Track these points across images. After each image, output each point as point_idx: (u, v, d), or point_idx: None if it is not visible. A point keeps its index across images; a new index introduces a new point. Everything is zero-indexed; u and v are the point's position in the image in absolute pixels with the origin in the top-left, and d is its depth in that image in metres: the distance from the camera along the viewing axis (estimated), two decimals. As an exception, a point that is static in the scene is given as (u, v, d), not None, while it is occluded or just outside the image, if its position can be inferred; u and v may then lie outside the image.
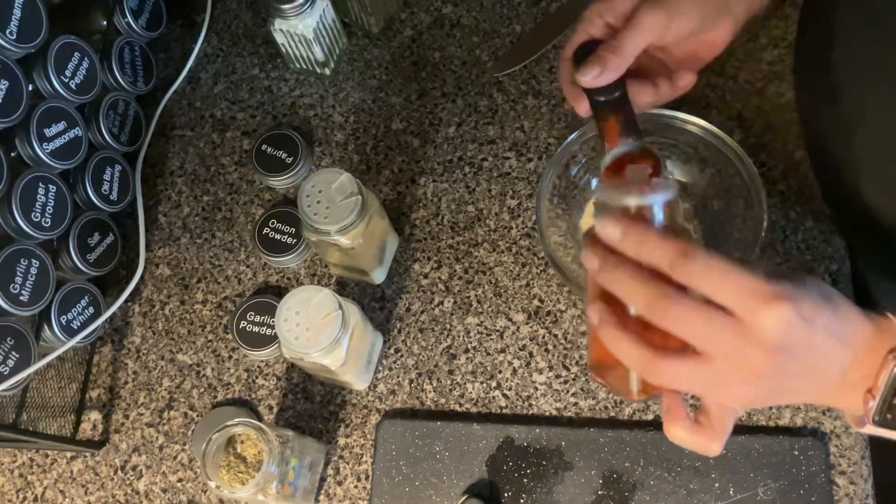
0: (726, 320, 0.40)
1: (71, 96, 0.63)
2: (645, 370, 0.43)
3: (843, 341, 0.43)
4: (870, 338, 0.44)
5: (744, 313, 0.40)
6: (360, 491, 0.64)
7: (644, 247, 0.43)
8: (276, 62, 0.79)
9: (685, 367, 0.42)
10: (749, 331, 0.40)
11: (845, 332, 0.43)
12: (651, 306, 0.42)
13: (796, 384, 0.43)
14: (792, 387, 0.43)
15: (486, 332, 0.67)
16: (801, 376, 0.43)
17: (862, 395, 0.44)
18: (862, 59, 0.58)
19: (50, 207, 0.60)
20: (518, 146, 0.73)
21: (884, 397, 0.44)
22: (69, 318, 0.63)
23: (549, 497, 0.61)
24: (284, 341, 0.56)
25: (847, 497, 0.60)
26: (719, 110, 0.71)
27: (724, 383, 0.42)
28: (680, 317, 0.41)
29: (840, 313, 0.43)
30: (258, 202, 0.74)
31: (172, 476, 0.66)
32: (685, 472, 0.61)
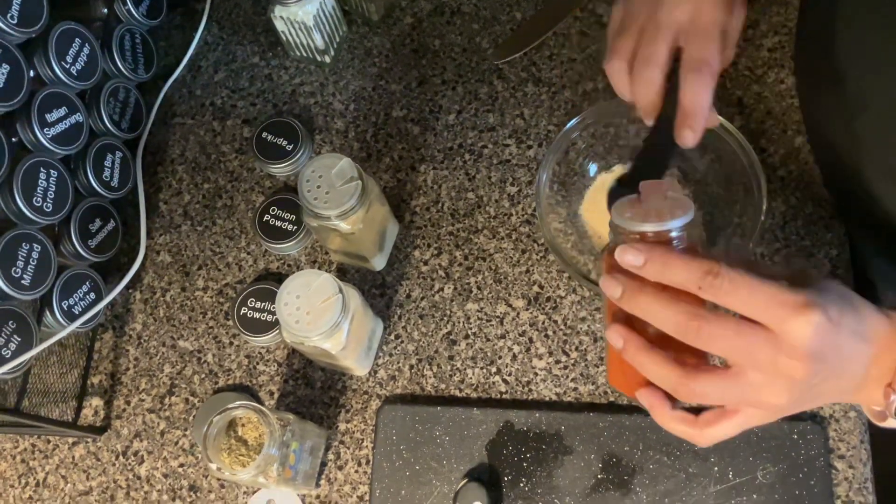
0: (758, 332, 0.41)
1: (72, 82, 0.63)
2: (676, 390, 0.43)
3: (865, 340, 0.44)
4: (887, 333, 0.44)
5: (775, 324, 0.41)
6: (360, 475, 0.64)
7: (668, 270, 0.43)
8: (277, 50, 0.79)
9: (717, 383, 0.43)
10: (781, 340, 0.41)
11: (867, 331, 0.44)
12: (683, 328, 0.42)
13: (825, 387, 0.44)
14: (821, 391, 0.44)
15: (486, 318, 0.68)
16: (830, 379, 0.43)
17: (882, 390, 0.45)
18: (863, 43, 0.58)
19: (51, 192, 0.60)
20: (518, 133, 0.73)
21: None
22: (70, 304, 0.63)
23: (549, 481, 0.61)
24: (285, 325, 0.56)
25: (846, 480, 0.60)
26: (719, 97, 0.71)
27: (757, 395, 0.43)
28: (714, 334, 0.42)
29: (861, 313, 0.44)
30: (259, 189, 0.75)
31: (174, 461, 0.67)
32: (684, 455, 0.61)
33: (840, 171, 0.65)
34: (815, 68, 0.67)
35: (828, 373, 0.43)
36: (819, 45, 0.65)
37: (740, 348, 0.41)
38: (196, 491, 0.65)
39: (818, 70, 0.66)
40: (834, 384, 0.44)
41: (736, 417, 0.45)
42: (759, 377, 0.42)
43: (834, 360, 0.42)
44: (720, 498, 0.60)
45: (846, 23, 0.59)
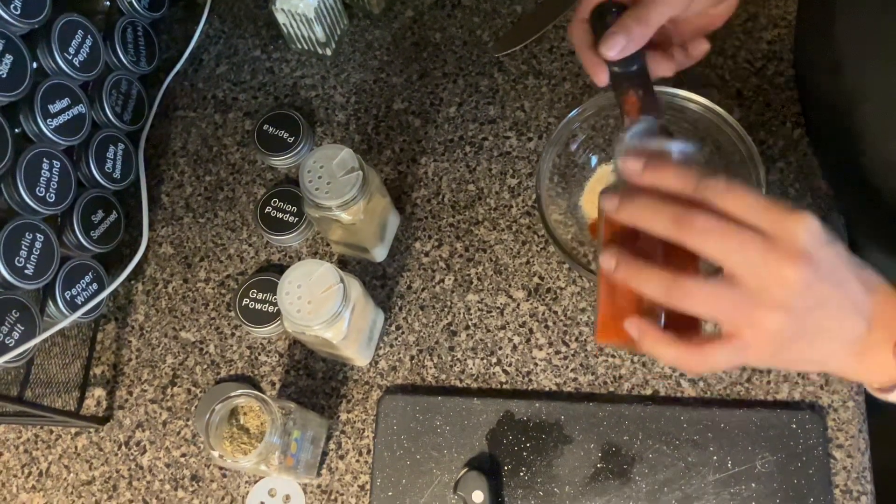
0: (754, 234, 0.40)
1: (74, 73, 0.63)
2: (669, 292, 0.42)
3: (861, 281, 0.43)
4: (886, 292, 0.44)
5: (770, 225, 0.40)
6: (361, 465, 0.65)
7: (666, 174, 0.43)
8: (278, 43, 0.79)
9: (711, 287, 0.41)
10: (775, 240, 0.40)
11: (863, 276, 0.44)
12: (678, 221, 0.41)
13: (822, 321, 0.42)
14: (818, 326, 0.42)
15: (487, 309, 0.68)
16: (829, 306, 0.42)
17: (891, 350, 0.44)
18: (862, 35, 0.58)
19: (54, 183, 0.60)
20: (518, 125, 0.73)
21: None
22: (73, 294, 0.63)
23: (549, 470, 0.62)
24: (287, 314, 0.57)
25: (844, 470, 0.60)
26: (719, 89, 0.72)
27: (751, 306, 0.41)
28: (707, 229, 0.41)
29: (857, 261, 0.44)
30: (260, 182, 0.75)
31: (176, 451, 0.67)
32: (683, 445, 0.61)
33: (838, 163, 0.66)
34: (813, 60, 0.67)
35: (825, 296, 0.42)
36: (818, 37, 0.65)
37: (735, 247, 0.41)
38: (198, 480, 0.66)
39: (817, 62, 0.66)
40: (832, 321, 0.43)
41: (731, 342, 0.43)
42: (751, 282, 0.41)
43: (828, 277, 0.41)
44: (719, 487, 0.60)
45: (845, 15, 0.59)
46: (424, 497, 0.62)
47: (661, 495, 0.60)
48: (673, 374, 0.64)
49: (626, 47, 0.50)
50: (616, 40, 0.50)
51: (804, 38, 0.69)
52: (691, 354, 0.43)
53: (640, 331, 0.45)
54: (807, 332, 0.43)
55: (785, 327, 0.42)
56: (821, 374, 0.63)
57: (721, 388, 0.63)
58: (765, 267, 0.41)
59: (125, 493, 0.66)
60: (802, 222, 0.40)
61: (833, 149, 0.66)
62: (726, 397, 0.63)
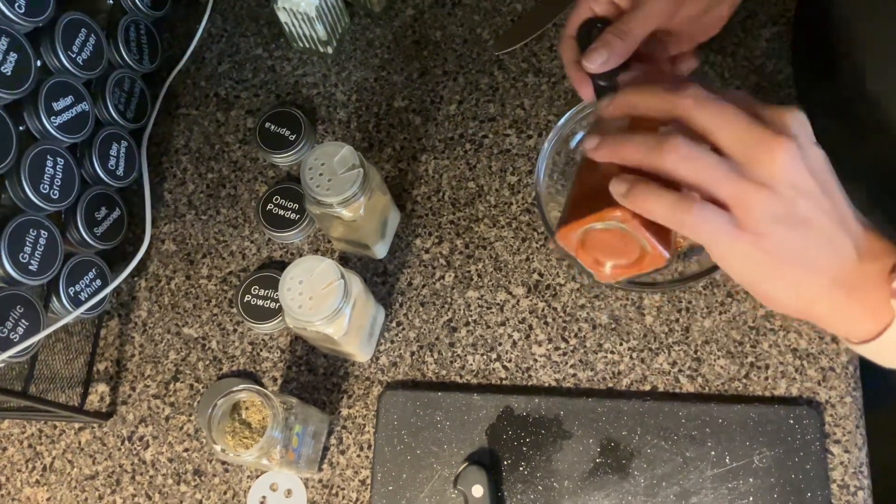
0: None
1: (78, 71, 0.64)
2: (653, 151, 0.42)
3: (846, 218, 0.43)
4: (868, 226, 0.45)
5: (742, 157, 0.41)
6: (362, 460, 0.65)
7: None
8: (280, 42, 0.80)
9: (698, 149, 0.42)
10: (765, 122, 0.41)
11: (847, 210, 0.44)
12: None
13: (809, 222, 0.42)
14: (804, 231, 0.42)
15: (487, 305, 0.68)
16: (813, 202, 0.42)
17: (885, 288, 0.44)
18: (860, 33, 0.58)
19: (58, 180, 0.61)
20: (518, 123, 0.74)
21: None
22: (77, 290, 0.64)
23: (548, 465, 0.62)
24: (288, 310, 0.57)
25: (842, 465, 0.61)
26: (718, 87, 0.72)
27: (737, 177, 0.41)
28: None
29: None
30: (262, 179, 0.76)
31: (178, 446, 0.68)
32: (682, 440, 0.62)
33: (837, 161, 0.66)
34: (812, 58, 0.67)
35: (810, 187, 0.42)
36: (816, 34, 0.65)
37: (719, 123, 0.41)
38: (200, 475, 0.66)
39: (815, 60, 0.66)
40: (822, 228, 0.42)
41: (721, 211, 0.42)
42: (738, 155, 0.42)
43: (816, 174, 0.42)
44: (717, 481, 0.60)
45: (844, 12, 0.60)
46: (424, 491, 0.63)
47: (659, 490, 0.61)
48: (671, 370, 0.65)
49: (607, 61, 0.51)
50: (597, 54, 0.51)
51: (802, 37, 0.70)
52: (685, 203, 0.42)
53: (627, 182, 0.44)
54: (795, 235, 0.42)
55: (772, 209, 0.41)
56: (818, 370, 0.63)
57: (719, 383, 0.64)
58: (751, 139, 0.41)
59: (128, 487, 0.67)
60: (792, 112, 0.41)
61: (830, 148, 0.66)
62: (724, 393, 0.63)
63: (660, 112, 0.44)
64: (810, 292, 0.44)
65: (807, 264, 0.43)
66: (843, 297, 0.45)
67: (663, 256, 0.47)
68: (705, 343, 0.65)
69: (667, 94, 0.43)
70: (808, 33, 0.67)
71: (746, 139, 0.41)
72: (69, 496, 0.67)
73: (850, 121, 0.62)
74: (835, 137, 0.65)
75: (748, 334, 0.65)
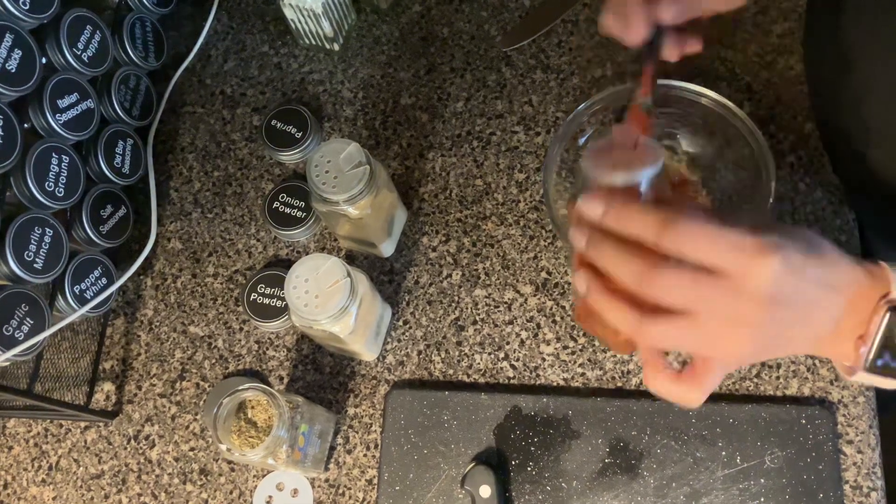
0: (717, 280, 0.40)
1: (83, 69, 0.63)
2: (635, 334, 0.43)
3: (834, 289, 0.43)
4: (861, 284, 0.43)
5: (734, 269, 0.40)
6: (369, 459, 0.65)
7: (627, 222, 0.42)
8: (286, 39, 0.80)
9: (674, 328, 0.41)
10: (740, 287, 0.40)
11: (836, 280, 0.43)
12: (638, 279, 0.41)
13: (790, 334, 0.43)
14: (786, 337, 0.43)
15: (494, 303, 0.68)
16: (795, 326, 0.42)
17: (853, 343, 0.44)
18: (871, 28, 0.57)
19: (63, 177, 0.61)
20: (526, 120, 0.73)
21: (876, 343, 0.43)
22: (82, 289, 0.64)
23: (557, 465, 0.62)
24: (294, 309, 0.57)
25: (854, 466, 0.60)
26: (729, 83, 0.71)
27: (717, 341, 0.42)
28: (668, 285, 0.41)
29: (828, 261, 0.43)
30: (268, 177, 0.75)
31: (184, 445, 0.67)
32: (692, 440, 0.61)
33: (849, 157, 0.65)
34: (823, 53, 0.66)
35: (790, 320, 0.41)
36: (827, 30, 0.64)
37: (697, 297, 0.40)
38: (206, 474, 0.66)
39: (826, 54, 0.65)
40: (801, 331, 0.43)
41: (706, 374, 0.44)
42: (715, 324, 0.41)
43: (797, 307, 0.41)
44: (728, 482, 0.60)
45: (855, 8, 0.59)
46: (432, 491, 0.62)
47: (669, 490, 0.60)
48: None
49: (679, 11, 0.52)
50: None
51: (813, 33, 0.69)
52: (692, 383, 0.45)
53: (651, 367, 0.45)
54: (777, 347, 0.44)
55: (751, 350, 0.42)
56: (830, 370, 0.62)
57: (730, 383, 0.63)
58: (730, 311, 0.41)
59: (134, 486, 0.66)
60: (766, 264, 0.39)
61: (842, 143, 0.66)
62: (735, 392, 0.63)
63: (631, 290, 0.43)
64: (787, 350, 0.46)
65: (785, 347, 0.45)
66: (822, 348, 0.46)
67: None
68: (716, 342, 0.64)
69: (636, 279, 0.42)
70: (819, 29, 0.66)
71: (721, 311, 0.41)
72: (75, 495, 0.67)
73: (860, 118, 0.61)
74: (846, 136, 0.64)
75: (759, 333, 0.64)
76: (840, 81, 0.63)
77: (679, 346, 0.44)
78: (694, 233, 0.40)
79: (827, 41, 0.65)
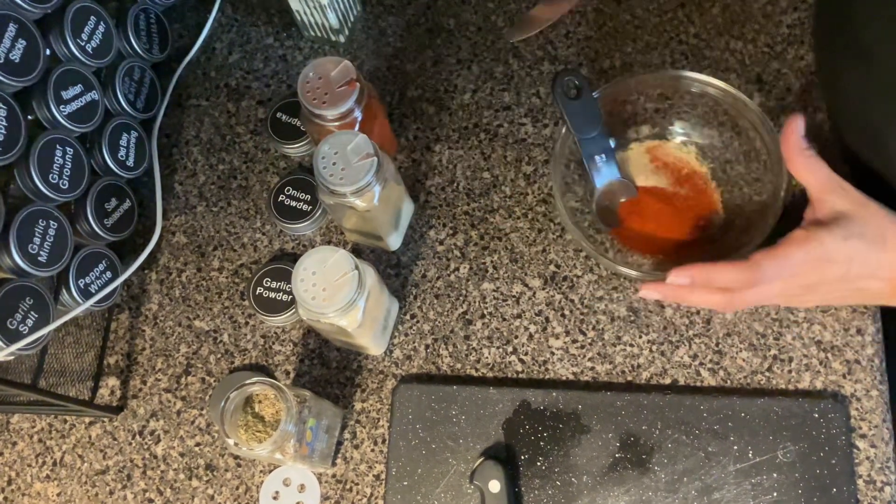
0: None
1: (87, 60, 0.63)
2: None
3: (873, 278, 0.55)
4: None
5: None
6: (376, 454, 0.64)
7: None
8: (291, 31, 0.79)
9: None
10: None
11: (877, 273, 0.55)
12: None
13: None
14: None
15: (502, 297, 0.67)
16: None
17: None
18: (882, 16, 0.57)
19: (67, 170, 0.60)
20: (534, 112, 0.73)
21: None
22: (87, 282, 0.63)
23: (566, 460, 0.61)
24: (301, 302, 0.56)
25: (868, 460, 0.59)
26: (739, 74, 0.71)
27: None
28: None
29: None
30: (273, 170, 0.74)
31: (190, 440, 0.67)
32: (704, 434, 0.60)
33: (860, 147, 0.65)
34: (833, 43, 0.66)
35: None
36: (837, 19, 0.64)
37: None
38: (213, 470, 0.65)
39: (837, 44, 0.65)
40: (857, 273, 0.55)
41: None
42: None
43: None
44: (740, 477, 0.59)
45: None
46: (440, 486, 0.61)
47: (680, 485, 0.59)
48: (692, 363, 0.63)
49: None
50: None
51: (823, 22, 0.68)
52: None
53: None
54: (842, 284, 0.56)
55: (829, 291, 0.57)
56: (843, 363, 0.62)
57: (741, 377, 0.62)
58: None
59: (139, 482, 0.66)
60: (749, 295, 0.57)
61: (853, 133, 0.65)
62: (746, 386, 0.62)
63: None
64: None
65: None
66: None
67: None
68: (727, 335, 0.64)
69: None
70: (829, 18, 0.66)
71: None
72: (80, 491, 0.66)
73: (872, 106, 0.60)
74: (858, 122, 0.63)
75: (771, 326, 0.63)
76: (850, 71, 0.62)
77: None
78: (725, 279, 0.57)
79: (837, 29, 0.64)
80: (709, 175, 0.66)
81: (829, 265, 0.55)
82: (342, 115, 0.62)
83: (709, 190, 0.66)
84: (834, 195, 0.57)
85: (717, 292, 0.57)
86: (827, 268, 0.56)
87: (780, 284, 0.56)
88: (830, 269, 0.56)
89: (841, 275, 0.56)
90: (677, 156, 0.67)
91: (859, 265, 0.55)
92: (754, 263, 0.55)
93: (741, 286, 0.56)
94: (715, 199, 0.66)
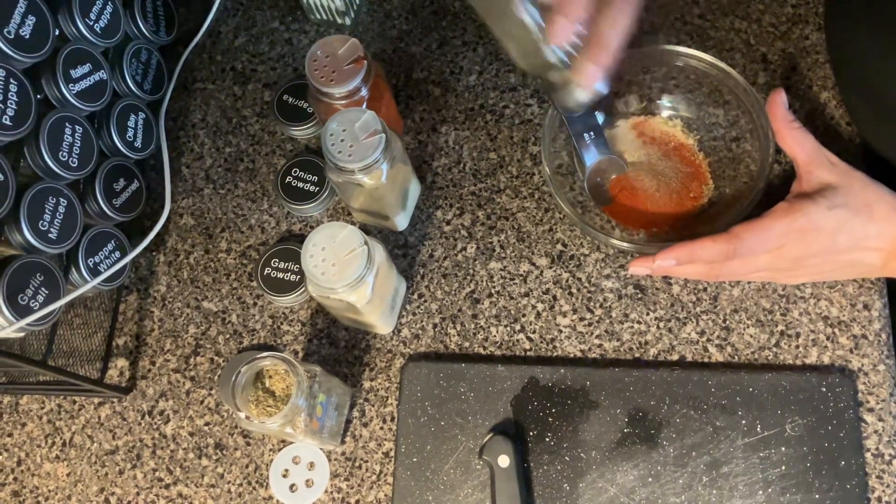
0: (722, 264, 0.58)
1: (95, 39, 0.63)
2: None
3: (865, 249, 0.56)
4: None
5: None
6: (385, 432, 0.64)
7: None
8: (296, 14, 0.79)
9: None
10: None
11: (867, 243, 0.56)
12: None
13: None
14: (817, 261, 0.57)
15: (510, 276, 0.67)
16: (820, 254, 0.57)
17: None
18: None
19: (77, 148, 0.60)
20: (540, 93, 0.73)
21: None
22: (96, 262, 0.63)
23: (575, 435, 0.61)
24: (311, 277, 0.56)
25: (875, 434, 0.59)
26: (744, 54, 0.71)
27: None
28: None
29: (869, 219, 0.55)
30: (280, 152, 0.75)
31: (199, 420, 0.67)
32: (711, 409, 0.60)
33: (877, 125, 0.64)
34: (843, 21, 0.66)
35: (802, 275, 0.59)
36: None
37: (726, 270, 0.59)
38: (222, 448, 0.66)
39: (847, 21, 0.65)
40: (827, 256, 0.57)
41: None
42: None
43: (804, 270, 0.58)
44: (748, 451, 0.59)
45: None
46: (449, 463, 0.62)
47: (689, 460, 0.59)
48: (699, 339, 0.63)
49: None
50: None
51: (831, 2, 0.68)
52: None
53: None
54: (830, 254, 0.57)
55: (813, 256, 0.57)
56: (850, 338, 0.62)
57: (749, 352, 0.63)
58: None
59: (149, 461, 0.66)
60: (726, 268, 0.59)
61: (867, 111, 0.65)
62: (754, 362, 0.62)
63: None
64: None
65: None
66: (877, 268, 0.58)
67: None
68: (734, 312, 0.64)
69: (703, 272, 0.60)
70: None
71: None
72: (89, 471, 0.67)
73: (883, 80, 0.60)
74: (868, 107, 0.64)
75: (778, 302, 0.63)
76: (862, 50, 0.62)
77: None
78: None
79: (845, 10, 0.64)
80: (696, 146, 0.67)
81: (814, 235, 0.55)
82: (349, 93, 0.62)
83: (697, 161, 0.67)
84: (821, 168, 0.57)
85: (702, 264, 0.58)
86: (812, 238, 0.55)
87: (766, 257, 0.56)
88: (816, 240, 0.55)
89: (826, 246, 0.56)
90: (663, 130, 0.68)
91: (846, 235, 0.55)
92: (734, 236, 0.56)
93: (723, 259, 0.56)
94: (703, 170, 0.66)
